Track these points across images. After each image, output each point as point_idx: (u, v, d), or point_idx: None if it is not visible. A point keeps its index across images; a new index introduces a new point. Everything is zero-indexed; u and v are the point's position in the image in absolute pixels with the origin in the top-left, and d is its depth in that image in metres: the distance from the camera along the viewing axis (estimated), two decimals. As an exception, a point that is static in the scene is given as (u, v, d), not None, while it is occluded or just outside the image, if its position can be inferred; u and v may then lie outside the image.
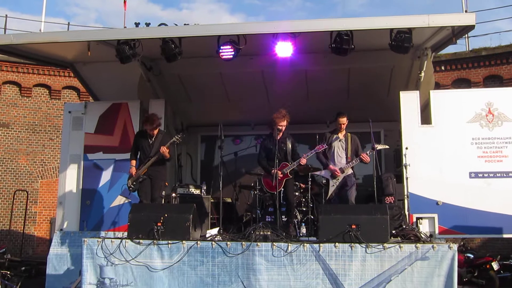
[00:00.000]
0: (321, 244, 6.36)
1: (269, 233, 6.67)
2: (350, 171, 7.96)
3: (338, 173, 7.90)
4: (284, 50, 7.41)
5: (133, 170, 7.95)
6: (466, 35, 15.16)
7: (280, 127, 7.85)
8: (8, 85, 16.50)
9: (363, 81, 9.70)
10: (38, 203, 16.13)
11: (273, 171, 7.73)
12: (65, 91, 16.99)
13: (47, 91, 16.85)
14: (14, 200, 15.50)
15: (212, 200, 9.39)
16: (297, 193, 9.14)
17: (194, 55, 8.70)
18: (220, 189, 7.86)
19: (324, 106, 10.20)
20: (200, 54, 8.94)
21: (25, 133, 16.37)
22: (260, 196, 8.82)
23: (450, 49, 15.20)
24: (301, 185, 9.29)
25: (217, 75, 9.98)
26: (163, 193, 7.94)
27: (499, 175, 8.47)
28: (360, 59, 8.86)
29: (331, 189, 7.88)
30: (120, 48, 7.47)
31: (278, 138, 7.87)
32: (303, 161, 7.82)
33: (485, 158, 8.52)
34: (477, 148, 8.55)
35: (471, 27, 6.93)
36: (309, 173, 9.33)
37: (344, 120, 8.08)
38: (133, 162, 8.07)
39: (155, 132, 7.97)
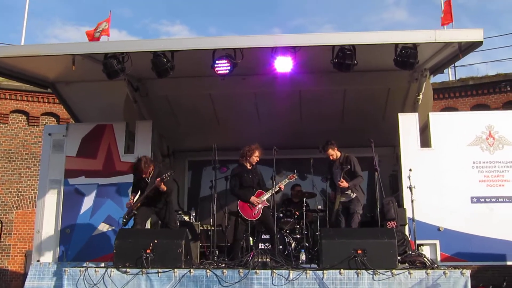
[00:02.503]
0: (325, 271, 5.93)
1: (268, 259, 6.18)
2: (351, 195, 7.62)
3: (332, 198, 7.76)
4: (283, 65, 7.05)
5: (131, 203, 7.45)
6: (454, 65, 15.19)
7: (258, 159, 7.88)
8: (-16, 111, 15.87)
9: (359, 103, 9.44)
10: (13, 235, 15.29)
11: (251, 199, 7.60)
12: (44, 118, 16.40)
13: (25, 118, 16.25)
14: (-12, 232, 14.69)
15: (201, 228, 8.88)
16: (291, 220, 8.76)
17: (184, 74, 8.31)
18: (214, 212, 7.39)
19: (318, 129, 9.90)
20: (190, 73, 8.58)
21: (0, 161, 15.66)
22: (252, 223, 8.37)
23: (437, 78, 15.21)
24: (296, 212, 8.90)
25: (206, 96, 9.61)
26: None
27: (501, 200, 8.17)
28: (357, 80, 8.68)
29: (330, 214, 7.75)
30: (108, 62, 7.04)
31: (250, 167, 7.83)
32: (282, 187, 7.79)
33: (487, 183, 8.22)
34: (478, 172, 8.26)
35: (479, 43, 6.70)
36: (304, 199, 9.01)
37: (331, 152, 7.92)
38: (132, 196, 7.59)
39: (150, 171, 7.49)
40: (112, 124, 9.14)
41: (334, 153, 7.92)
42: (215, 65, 7.19)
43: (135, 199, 7.52)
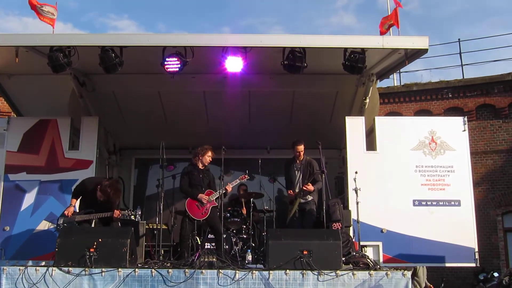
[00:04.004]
0: (271, 271, 5.91)
1: (214, 259, 6.13)
2: (309, 197, 7.72)
3: (291, 194, 7.79)
4: (234, 65, 7.04)
5: (70, 211, 7.18)
6: (399, 71, 15.58)
7: (210, 160, 7.88)
8: None
9: (307, 105, 9.53)
10: None
11: (200, 196, 7.54)
12: (-17, 110, 15.67)
13: (-37, 110, 15.48)
14: None
15: (147, 227, 8.72)
16: (237, 219, 8.76)
17: (133, 70, 8.15)
18: (161, 211, 7.26)
19: (266, 129, 9.99)
20: (139, 70, 8.41)
21: None
22: (199, 222, 8.31)
23: (383, 83, 15.52)
24: (243, 210, 8.90)
25: (155, 94, 9.44)
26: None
27: (442, 203, 8.44)
28: (306, 82, 8.78)
29: (289, 215, 7.74)
30: (54, 55, 6.81)
31: (202, 167, 7.81)
32: (229, 188, 7.77)
33: (428, 186, 8.48)
34: (420, 176, 8.50)
35: (424, 51, 6.91)
36: (251, 200, 9.03)
37: (301, 148, 7.98)
38: (73, 202, 7.31)
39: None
40: (56, 119, 8.83)
41: (303, 149, 7.98)
42: (165, 63, 7.09)
43: (77, 210, 7.29)
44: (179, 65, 7.05)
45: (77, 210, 7.38)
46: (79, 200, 7.44)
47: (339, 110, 9.47)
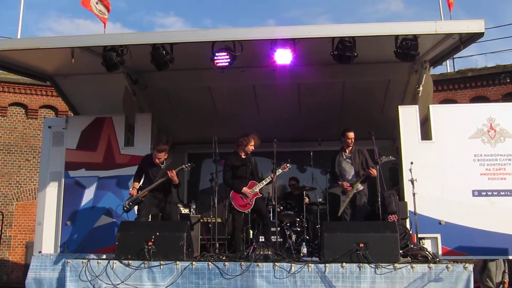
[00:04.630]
0: (327, 264, 5.85)
1: (270, 252, 6.12)
2: (360, 187, 7.55)
3: (348, 188, 7.54)
4: (283, 57, 6.96)
5: (134, 192, 7.36)
6: (452, 57, 15.08)
7: (253, 148, 7.80)
8: (-18, 104, 15.75)
9: (358, 95, 9.35)
10: (13, 226, 15.24)
11: (243, 190, 7.52)
12: (42, 110, 16.28)
13: (23, 110, 16.13)
14: (-12, 224, 14.61)
15: (202, 220, 8.82)
16: (291, 213, 8.72)
17: (183, 67, 8.22)
18: (215, 205, 7.32)
19: (316, 121, 9.86)
20: (189, 66, 8.50)
21: (0, 153, 15.55)
22: (252, 216, 8.34)
23: (436, 70, 15.01)
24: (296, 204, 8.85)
25: (205, 89, 9.51)
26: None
27: (503, 193, 8.08)
28: (356, 72, 8.58)
29: (342, 206, 7.48)
30: (107, 54, 6.95)
31: (244, 157, 7.73)
32: (274, 178, 7.64)
33: (488, 176, 8.14)
34: (479, 165, 8.17)
35: (480, 35, 6.61)
36: (303, 193, 8.97)
37: (352, 135, 7.81)
38: (136, 185, 7.49)
39: (163, 159, 7.47)
40: (111, 117, 9.07)
41: (354, 136, 7.83)
42: (215, 58, 7.10)
43: (139, 187, 7.44)
44: (228, 60, 7.05)
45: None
46: (141, 183, 7.60)
47: (391, 100, 9.25)
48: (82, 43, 7.19)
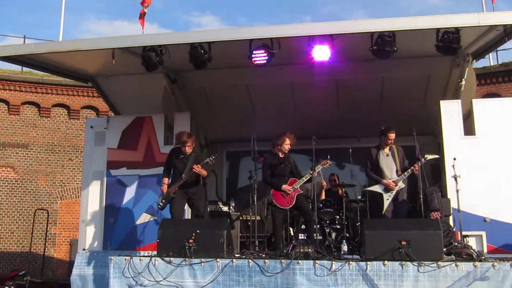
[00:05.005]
0: (368, 262, 5.75)
1: (310, 250, 6.08)
2: (402, 185, 7.42)
3: (393, 186, 7.38)
4: (321, 54, 6.91)
5: (164, 188, 7.36)
6: (496, 49, 14.63)
7: (289, 147, 7.75)
8: (27, 105, 16.24)
9: (397, 91, 9.17)
10: (58, 224, 15.71)
11: (284, 187, 7.47)
12: (84, 111, 16.69)
13: (66, 111, 16.56)
14: (34, 221, 15.03)
15: (241, 218, 8.85)
16: (330, 210, 8.65)
17: (221, 65, 8.25)
18: (255, 203, 7.32)
19: (355, 117, 9.75)
20: (226, 64, 8.52)
21: (44, 153, 16.05)
22: (291, 213, 8.31)
23: (479, 64, 14.65)
24: (336, 201, 8.77)
25: (243, 87, 9.53)
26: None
27: (551, 189, 7.78)
28: (396, 67, 8.44)
29: (386, 203, 7.32)
30: (146, 55, 7.05)
31: (282, 156, 7.70)
32: (314, 174, 7.56)
33: (534, 172, 7.85)
34: (525, 161, 7.89)
35: (525, 26, 6.38)
36: (343, 189, 8.87)
37: (393, 136, 7.61)
38: (166, 180, 7.47)
39: (189, 150, 7.43)
40: (151, 116, 9.20)
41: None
42: (252, 56, 7.10)
43: (170, 183, 7.43)
44: (266, 57, 7.03)
45: None
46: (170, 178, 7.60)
47: (432, 94, 9.05)
48: (123, 44, 7.30)
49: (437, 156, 7.59)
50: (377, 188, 7.48)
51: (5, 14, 41.73)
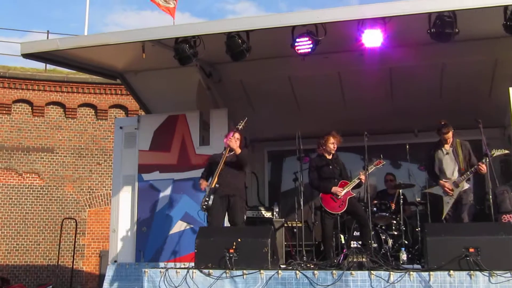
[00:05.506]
0: (431, 273, 5.66)
1: (364, 259, 6.03)
2: (466, 185, 7.29)
3: (449, 189, 7.31)
4: (372, 39, 6.81)
5: (203, 183, 7.39)
6: None
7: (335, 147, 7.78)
8: (51, 106, 16.69)
9: (460, 78, 9.01)
10: (86, 234, 16.06)
11: (334, 189, 7.50)
12: (112, 110, 17.02)
13: (93, 111, 16.93)
14: (62, 232, 15.45)
15: (286, 225, 8.87)
16: (386, 214, 8.57)
17: (260, 56, 8.28)
18: (301, 207, 7.31)
19: (412, 109, 9.64)
20: (266, 54, 8.54)
21: (70, 157, 16.45)
22: (342, 219, 8.28)
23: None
24: (392, 204, 8.67)
25: (285, 79, 9.53)
26: (245, 217, 7.36)
27: None
28: (457, 51, 8.27)
29: (446, 208, 7.29)
30: (179, 47, 7.12)
31: (330, 157, 7.78)
32: (363, 177, 7.58)
33: None
34: None
35: None
36: (400, 191, 8.76)
37: (449, 134, 7.52)
38: (202, 181, 7.53)
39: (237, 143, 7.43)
40: (185, 114, 9.30)
41: (452, 135, 7.58)
42: (296, 44, 7.07)
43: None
44: (311, 45, 6.99)
45: None
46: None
47: (500, 81, 8.83)
48: (153, 36, 7.39)
49: (507, 151, 7.41)
50: (437, 190, 7.39)
51: (27, 8, 43.05)
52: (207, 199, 7.09)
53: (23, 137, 16.26)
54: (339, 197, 7.48)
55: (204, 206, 7.08)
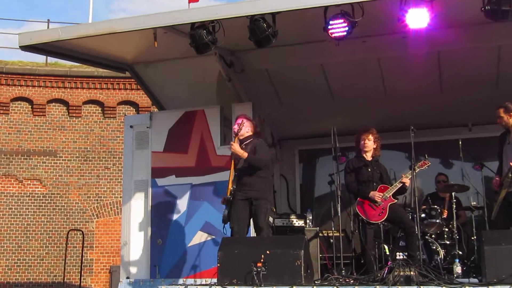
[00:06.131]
0: (490, 287, 5.63)
1: (412, 273, 6.01)
2: None
3: (496, 185, 7.26)
4: (417, 19, 6.76)
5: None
6: None
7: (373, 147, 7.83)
8: (53, 104, 16.94)
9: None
10: (95, 248, 16.22)
11: (371, 194, 7.48)
12: (121, 107, 17.18)
13: (100, 109, 17.12)
14: (67, 245, 15.59)
15: (321, 234, 8.86)
16: (436, 221, 8.50)
17: (288, 42, 8.30)
18: (338, 214, 7.30)
19: (464, 100, 9.59)
20: (295, 40, 8.56)
21: (75, 161, 16.64)
22: (385, 227, 8.24)
23: None
24: (444, 210, 8.60)
25: (317, 67, 9.52)
26: (271, 220, 7.26)
27: None
28: (515, 32, 8.16)
29: (495, 207, 7.27)
30: (196, 33, 7.15)
31: (369, 159, 7.79)
32: (406, 180, 7.55)
33: None
34: None
35: None
36: (453, 194, 8.70)
37: (500, 112, 7.48)
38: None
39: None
40: (203, 110, 9.34)
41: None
42: (329, 27, 7.04)
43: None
44: (346, 28, 6.96)
45: None
46: None
47: None
48: (166, 21, 7.42)
49: None
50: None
51: (24, -5, 43.70)
52: (225, 210, 7.19)
53: (23, 140, 16.52)
54: (378, 203, 7.44)
55: (224, 219, 7.21)
